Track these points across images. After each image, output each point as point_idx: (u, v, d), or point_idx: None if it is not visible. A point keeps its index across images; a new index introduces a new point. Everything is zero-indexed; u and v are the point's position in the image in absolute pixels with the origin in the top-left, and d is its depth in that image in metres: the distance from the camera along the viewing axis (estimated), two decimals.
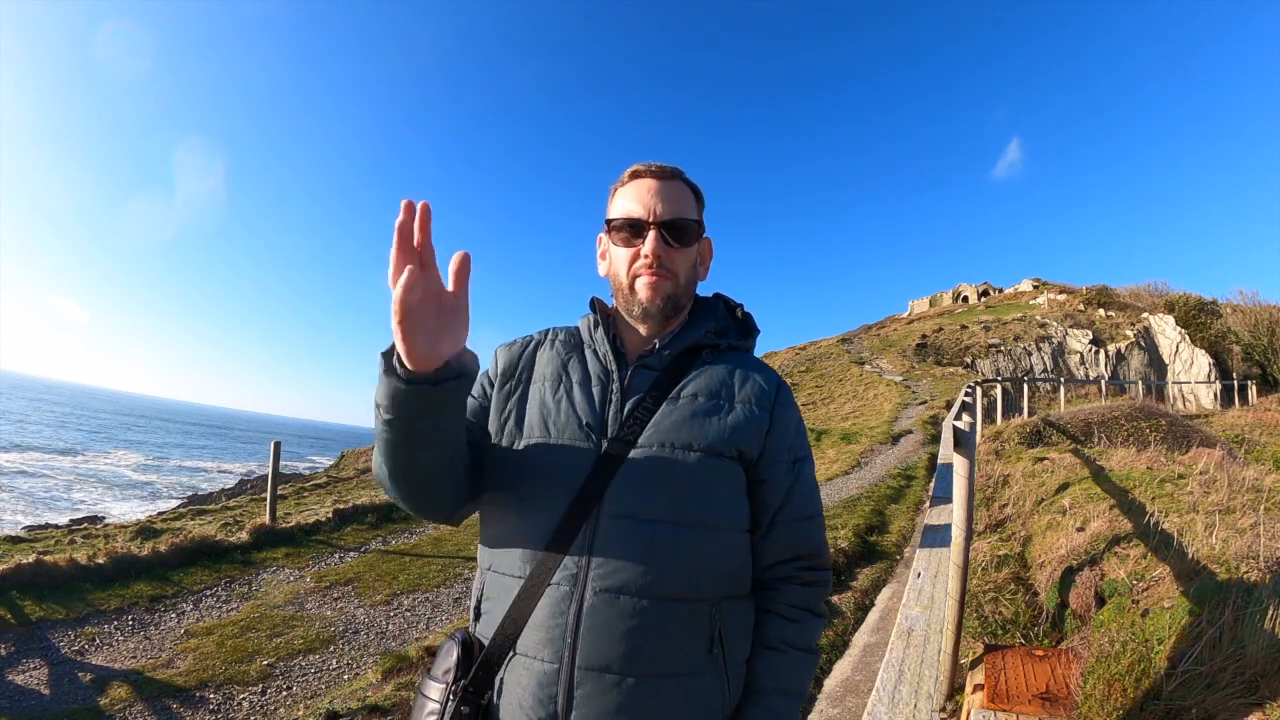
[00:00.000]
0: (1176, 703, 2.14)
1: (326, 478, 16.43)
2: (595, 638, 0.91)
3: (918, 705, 1.26)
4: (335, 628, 5.09)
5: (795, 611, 1.06)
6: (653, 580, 0.93)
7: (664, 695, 0.92)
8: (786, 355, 32.96)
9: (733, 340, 1.14)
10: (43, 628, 4.75)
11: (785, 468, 1.06)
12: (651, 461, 0.98)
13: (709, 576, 0.97)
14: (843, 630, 4.44)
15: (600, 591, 0.93)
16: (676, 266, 1.08)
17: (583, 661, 0.91)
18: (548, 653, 0.93)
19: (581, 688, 0.91)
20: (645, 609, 0.92)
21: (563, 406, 1.04)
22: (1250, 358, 26.56)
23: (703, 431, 1.00)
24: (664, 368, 1.07)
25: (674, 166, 1.12)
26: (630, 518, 0.95)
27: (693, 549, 0.96)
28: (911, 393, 19.89)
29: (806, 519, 1.08)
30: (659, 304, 1.07)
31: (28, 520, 15.08)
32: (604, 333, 1.11)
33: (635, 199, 1.09)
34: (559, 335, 1.16)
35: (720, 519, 0.99)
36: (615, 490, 0.97)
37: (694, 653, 0.95)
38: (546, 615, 0.94)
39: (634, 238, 1.07)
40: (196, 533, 6.88)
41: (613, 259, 1.11)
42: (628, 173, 1.12)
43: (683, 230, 1.08)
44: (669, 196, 1.08)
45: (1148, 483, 4.70)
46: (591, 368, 1.09)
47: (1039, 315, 30.11)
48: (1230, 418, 14.62)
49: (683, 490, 0.97)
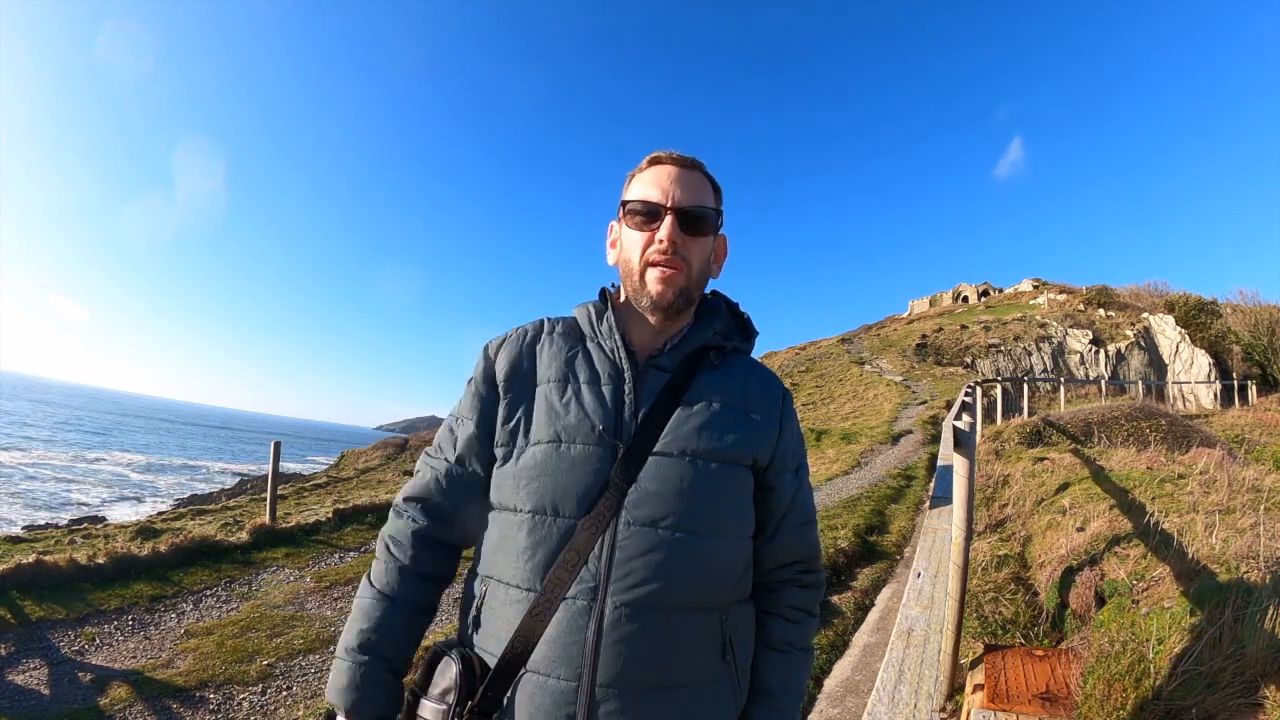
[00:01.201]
0: (1176, 703, 2.14)
1: (326, 478, 16.43)
2: (617, 653, 0.88)
3: (918, 705, 1.26)
4: (335, 628, 5.09)
5: (795, 613, 1.07)
6: (673, 591, 0.91)
7: (685, 706, 0.91)
8: (786, 355, 32.95)
9: (736, 342, 1.11)
10: (43, 628, 4.75)
11: (791, 475, 1.07)
12: (671, 468, 0.95)
13: (721, 584, 0.96)
14: (843, 630, 4.43)
15: (621, 605, 0.89)
16: (691, 256, 1.03)
17: (604, 679, 0.87)
18: (565, 670, 0.88)
19: (604, 705, 0.87)
20: (666, 621, 0.90)
21: (573, 409, 0.99)
22: (1250, 358, 26.54)
23: (722, 439, 0.98)
24: (676, 369, 1.03)
25: (695, 157, 1.08)
26: (650, 527, 0.92)
27: (710, 557, 0.94)
28: (911, 393, 19.89)
29: (807, 523, 1.09)
30: (670, 298, 1.02)
31: (28, 520, 15.08)
32: (611, 327, 1.05)
33: (654, 183, 1.04)
34: (556, 327, 1.09)
35: (733, 527, 0.98)
36: (634, 498, 0.93)
37: (709, 661, 0.94)
38: (563, 631, 0.89)
39: (649, 222, 1.03)
40: (196, 533, 6.88)
41: (624, 244, 1.06)
42: (647, 159, 1.08)
43: (700, 219, 1.04)
44: (688, 184, 1.04)
45: (1148, 483, 4.70)
46: (600, 365, 1.03)
47: (1039, 315, 30.10)
48: (1230, 418, 14.62)
49: (701, 499, 0.94)
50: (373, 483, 15.14)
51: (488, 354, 1.08)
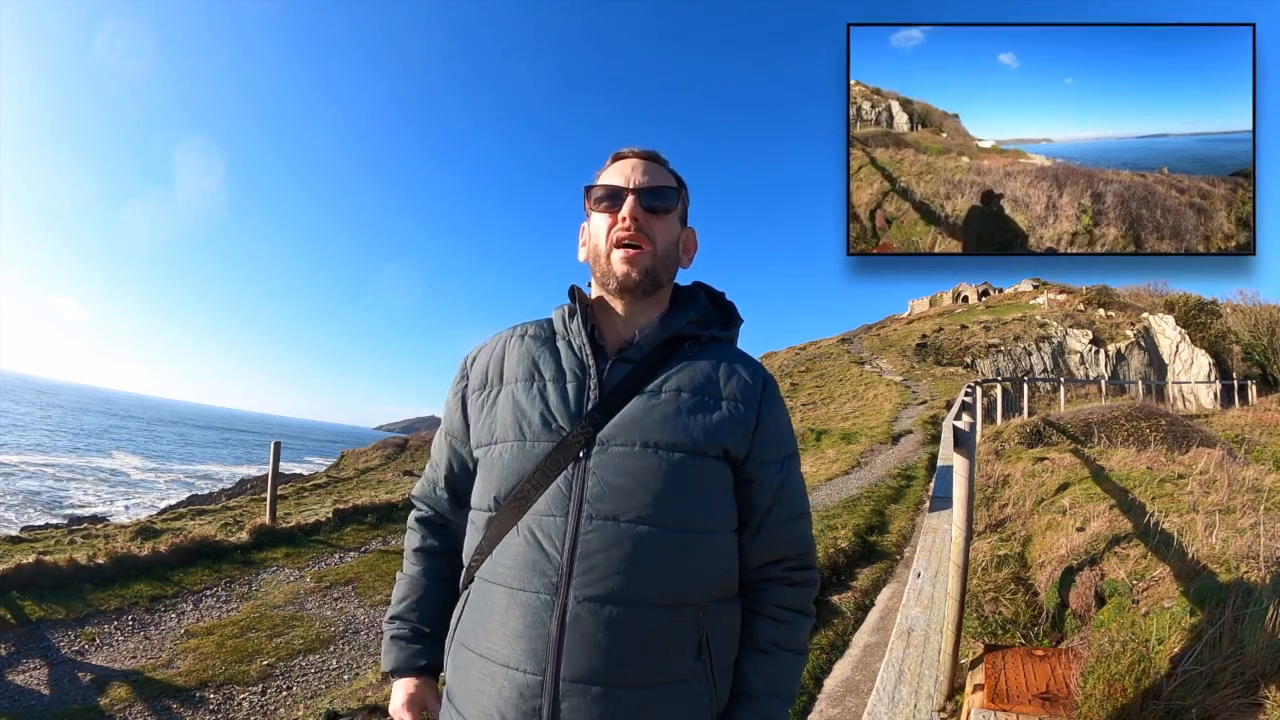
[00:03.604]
0: (1176, 703, 2.14)
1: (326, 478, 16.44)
2: (579, 649, 0.89)
3: (918, 705, 1.26)
4: (335, 628, 5.09)
5: (784, 613, 1.03)
6: (637, 586, 0.90)
7: (652, 704, 0.90)
8: (786, 355, 32.97)
9: (715, 330, 1.09)
10: (43, 628, 4.75)
11: (774, 467, 1.03)
12: (633, 461, 0.94)
13: (696, 581, 0.94)
14: (843, 630, 4.43)
15: (583, 600, 0.90)
16: (655, 235, 1.06)
17: (567, 673, 0.88)
18: (530, 664, 0.90)
19: (567, 700, 0.88)
20: (630, 617, 0.90)
21: (537, 406, 1.00)
22: (1250, 358, 26.55)
23: (686, 430, 0.96)
24: (642, 360, 1.03)
25: (656, 152, 1.12)
26: (612, 521, 0.92)
27: (678, 553, 0.93)
28: (911, 393, 19.90)
29: (795, 518, 1.05)
30: (635, 277, 1.03)
31: (28, 520, 15.08)
32: (580, 323, 1.05)
33: (616, 173, 1.09)
34: (528, 330, 1.11)
35: (706, 521, 0.96)
36: (595, 492, 0.93)
37: (681, 660, 0.93)
38: (528, 625, 0.91)
39: (613, 205, 1.06)
40: (196, 533, 6.88)
41: (592, 232, 1.09)
42: (610, 156, 1.13)
43: (660, 196, 1.07)
44: (648, 170, 1.08)
45: (1148, 483, 4.70)
46: (565, 362, 1.04)
47: (1039, 315, 30.12)
48: (1230, 418, 14.61)
49: (667, 491, 0.93)
50: (373, 483, 15.15)
51: (462, 367, 1.13)
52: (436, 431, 1.17)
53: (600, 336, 1.06)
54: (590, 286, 1.12)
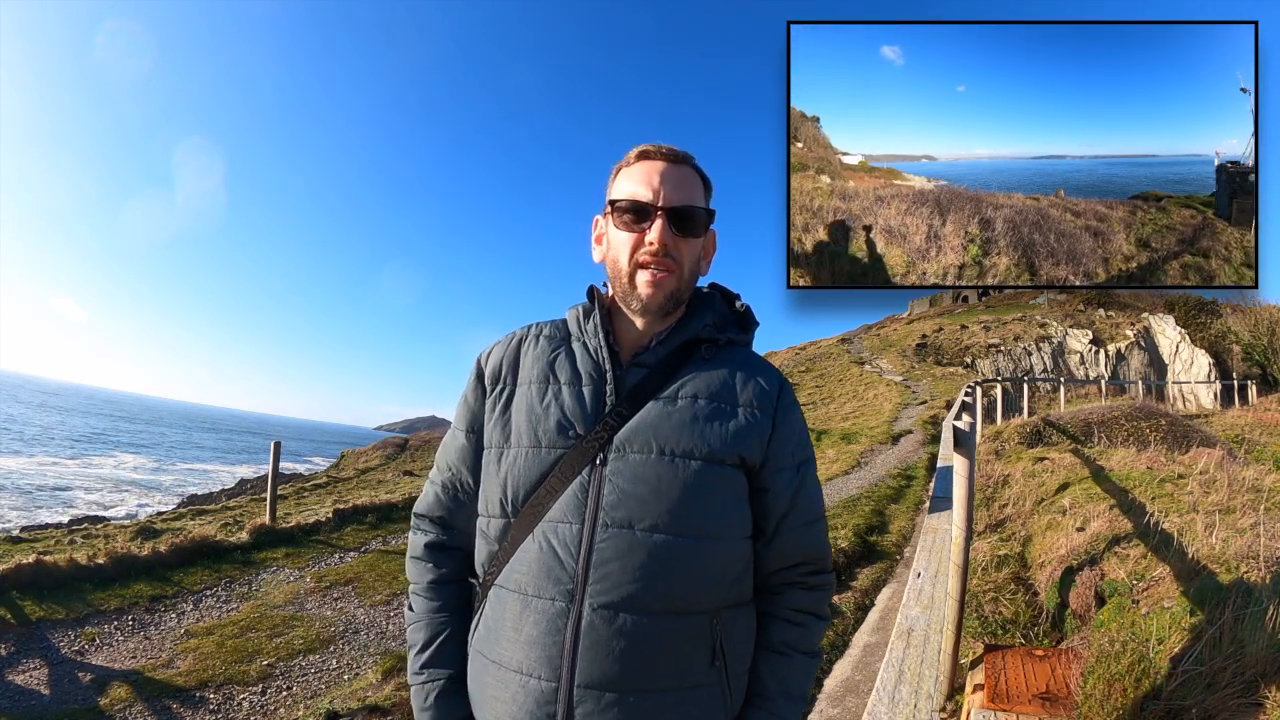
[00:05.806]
0: (1176, 703, 2.14)
1: (326, 478, 16.44)
2: (594, 656, 0.88)
3: (918, 705, 1.26)
4: (335, 628, 5.09)
5: (800, 615, 1.02)
6: (652, 594, 0.90)
7: (666, 710, 0.90)
8: (786, 355, 32.97)
9: (732, 334, 1.06)
10: (43, 628, 4.75)
11: (789, 474, 1.01)
12: (649, 468, 0.93)
13: (710, 587, 0.94)
14: (843, 630, 4.43)
15: (598, 608, 0.89)
16: (682, 257, 1.01)
17: (582, 680, 0.88)
18: (545, 671, 0.89)
19: (581, 706, 0.88)
20: (645, 624, 0.89)
21: (552, 411, 0.98)
22: (1250, 358, 26.54)
23: (703, 437, 0.95)
24: (657, 365, 1.01)
25: (685, 151, 1.05)
26: (627, 529, 0.91)
27: (693, 559, 0.92)
28: (911, 393, 19.90)
29: (811, 523, 1.03)
30: (660, 300, 1.00)
31: (27, 520, 15.07)
32: (596, 325, 1.03)
33: (643, 180, 1.01)
34: (544, 330, 1.08)
35: (721, 528, 0.95)
36: (611, 499, 0.92)
37: (696, 665, 0.92)
38: (543, 632, 0.90)
39: (638, 222, 1.00)
40: (196, 533, 6.88)
41: (612, 243, 1.03)
42: (634, 152, 1.05)
43: (692, 220, 1.01)
44: (679, 182, 1.01)
45: (1148, 483, 4.70)
46: (582, 365, 1.02)
47: (1039, 315, 30.12)
48: (1230, 418, 14.60)
49: (682, 499, 0.92)
50: (373, 483, 15.14)
51: (478, 364, 1.09)
52: (445, 436, 1.12)
53: (615, 340, 1.04)
54: (606, 285, 1.09)
